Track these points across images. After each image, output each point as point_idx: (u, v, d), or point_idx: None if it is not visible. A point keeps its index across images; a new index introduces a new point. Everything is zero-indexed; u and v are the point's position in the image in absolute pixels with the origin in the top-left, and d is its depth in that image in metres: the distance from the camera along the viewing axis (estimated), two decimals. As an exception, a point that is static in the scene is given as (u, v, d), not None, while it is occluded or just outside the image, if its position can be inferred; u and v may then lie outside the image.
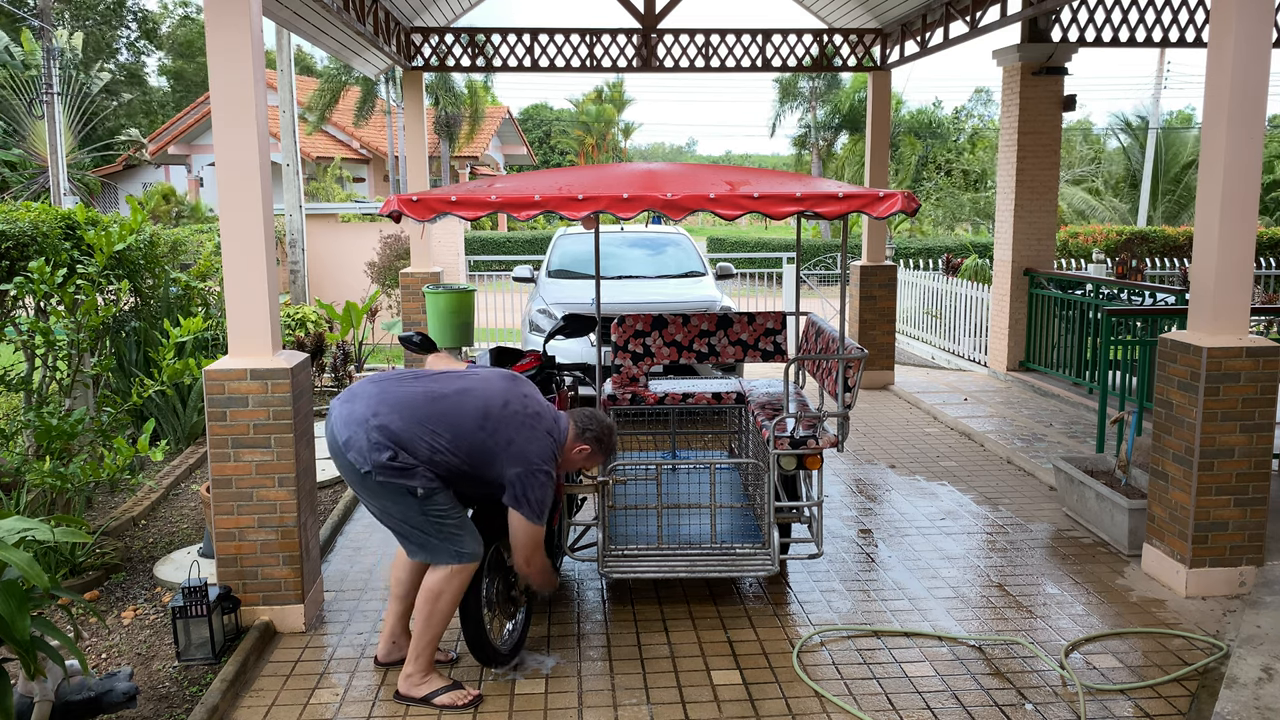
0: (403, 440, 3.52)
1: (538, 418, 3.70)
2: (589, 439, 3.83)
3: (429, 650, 3.75)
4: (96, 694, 3.37)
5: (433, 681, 3.76)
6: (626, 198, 3.76)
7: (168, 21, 40.25)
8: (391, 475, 3.50)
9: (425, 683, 3.75)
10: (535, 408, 3.73)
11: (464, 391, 3.67)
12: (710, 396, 5.40)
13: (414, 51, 9.87)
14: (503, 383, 3.77)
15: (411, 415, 3.56)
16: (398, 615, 4.02)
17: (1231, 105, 4.41)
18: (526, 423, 3.66)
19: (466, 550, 3.65)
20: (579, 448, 3.83)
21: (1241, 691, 3.68)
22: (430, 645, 3.74)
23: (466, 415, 3.60)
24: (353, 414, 3.58)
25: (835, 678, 3.95)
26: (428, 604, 3.66)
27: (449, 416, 3.59)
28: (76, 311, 5.28)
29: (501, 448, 3.60)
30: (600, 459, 3.94)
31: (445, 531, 3.61)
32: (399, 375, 3.76)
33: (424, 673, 3.76)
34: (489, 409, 3.64)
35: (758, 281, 16.27)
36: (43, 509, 5.04)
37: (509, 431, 3.62)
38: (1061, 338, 9.23)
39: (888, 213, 3.85)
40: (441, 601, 3.65)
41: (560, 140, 48.62)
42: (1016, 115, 9.44)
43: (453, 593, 3.66)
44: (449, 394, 3.65)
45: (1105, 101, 74.32)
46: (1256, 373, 4.53)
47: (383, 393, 3.63)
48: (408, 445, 3.52)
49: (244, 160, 4.15)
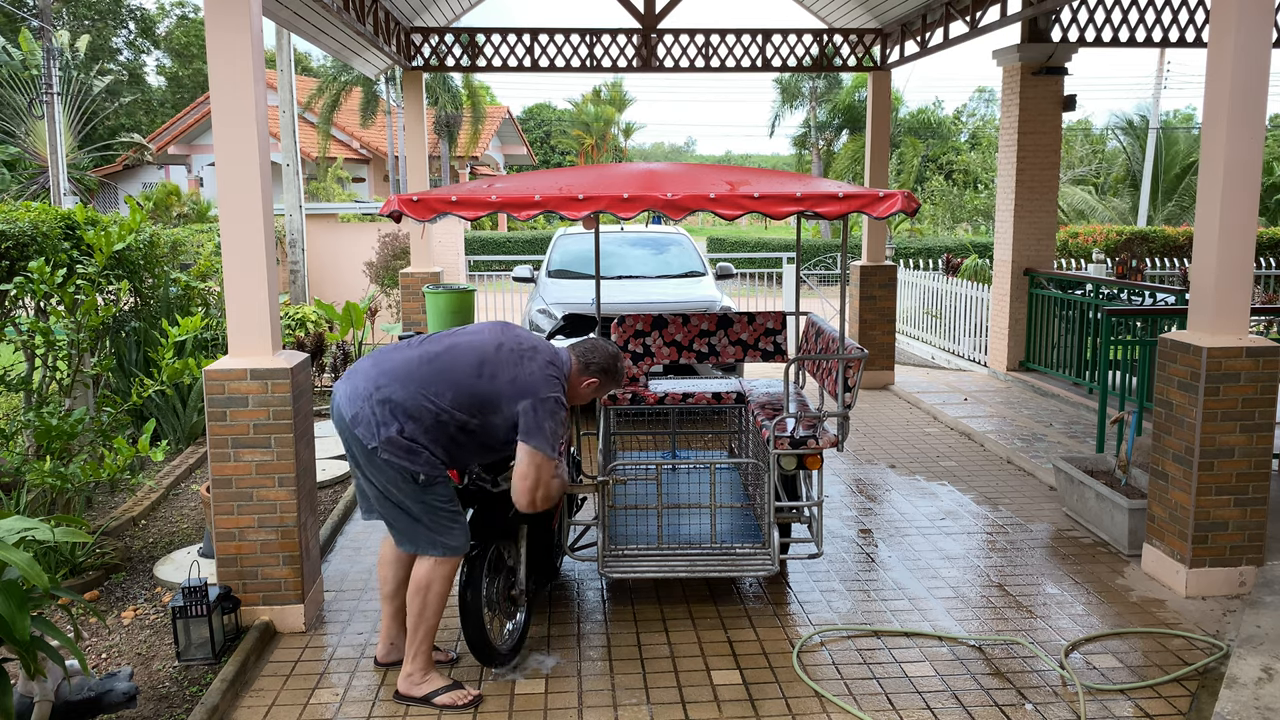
0: (408, 409, 3.52)
1: (534, 351, 3.69)
2: (594, 371, 3.82)
3: (425, 646, 3.74)
4: (96, 694, 3.37)
5: (433, 680, 3.75)
6: (627, 198, 3.76)
7: (165, 22, 40.24)
8: (397, 454, 3.51)
9: (425, 681, 3.74)
10: (530, 343, 3.72)
11: (454, 347, 3.67)
12: (710, 396, 5.40)
13: (414, 52, 9.87)
14: (492, 329, 3.77)
15: (410, 380, 3.57)
16: (391, 615, 4.00)
17: (1231, 105, 4.41)
18: (525, 356, 3.64)
19: (453, 543, 3.65)
20: (586, 381, 3.82)
21: (1241, 691, 3.68)
22: (426, 640, 3.73)
23: (463, 367, 3.60)
24: (355, 390, 3.61)
25: (835, 678, 3.95)
26: (418, 597, 3.66)
27: (446, 373, 3.58)
28: (76, 311, 5.28)
29: (505, 387, 3.58)
30: (609, 389, 3.94)
31: (438, 522, 3.62)
32: (393, 346, 3.77)
33: (424, 671, 3.75)
34: (484, 356, 3.63)
35: (758, 281, 16.27)
36: (43, 509, 5.04)
37: (509, 370, 3.60)
38: (1061, 338, 9.23)
39: (888, 213, 3.85)
40: (431, 593, 3.65)
41: (560, 140, 48.63)
42: (1016, 115, 9.44)
43: (440, 584, 3.65)
44: (441, 352, 3.65)
45: (1105, 101, 74.36)
46: (1256, 373, 4.53)
47: (379, 364, 3.65)
48: (413, 413, 3.52)
49: (244, 160, 4.15)
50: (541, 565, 4.35)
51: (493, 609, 3.97)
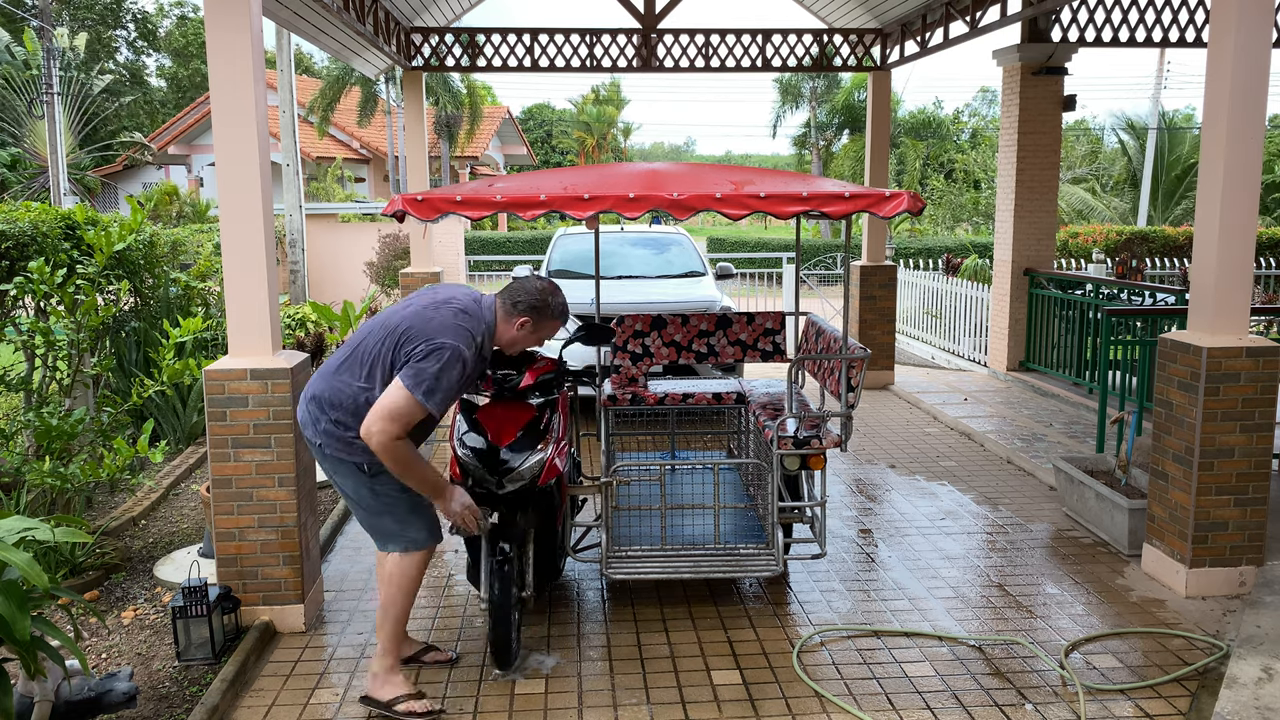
0: (331, 399, 3.50)
1: (449, 301, 3.53)
2: (523, 309, 3.59)
3: (390, 642, 3.69)
4: (96, 694, 3.37)
5: (396, 684, 3.67)
6: (633, 197, 3.75)
7: (165, 23, 40.24)
8: (337, 448, 3.51)
9: (389, 683, 3.67)
10: (449, 295, 3.57)
11: (373, 323, 3.60)
12: (710, 397, 5.40)
13: (414, 51, 9.87)
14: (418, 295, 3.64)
15: (329, 373, 3.58)
16: None
17: (1231, 105, 4.41)
18: (439, 308, 3.49)
19: (415, 536, 3.63)
20: (517, 322, 3.60)
21: (1241, 691, 3.68)
22: (391, 637, 3.69)
23: (376, 336, 3.52)
24: (301, 398, 3.65)
25: (835, 678, 3.95)
26: (382, 590, 3.65)
27: (360, 352, 3.53)
28: (76, 312, 5.28)
29: (405, 341, 3.42)
30: (549, 328, 3.68)
31: (397, 514, 3.60)
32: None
33: (388, 670, 3.69)
34: (399, 321, 3.49)
35: (758, 281, 16.26)
36: (43, 509, 5.04)
37: (419, 326, 3.44)
38: (1061, 338, 9.23)
39: (894, 212, 3.85)
40: (393, 587, 3.63)
41: (561, 140, 48.64)
42: (1016, 115, 9.44)
43: (404, 579, 3.63)
44: (361, 335, 3.60)
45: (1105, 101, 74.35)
46: (1256, 373, 4.53)
47: (317, 371, 3.68)
48: (335, 400, 3.49)
49: (244, 160, 4.15)
50: (547, 567, 4.35)
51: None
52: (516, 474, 3.82)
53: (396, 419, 3.30)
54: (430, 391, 3.34)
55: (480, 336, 3.53)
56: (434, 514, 3.72)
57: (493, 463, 3.83)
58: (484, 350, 3.59)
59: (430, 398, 3.34)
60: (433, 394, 3.34)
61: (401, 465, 3.38)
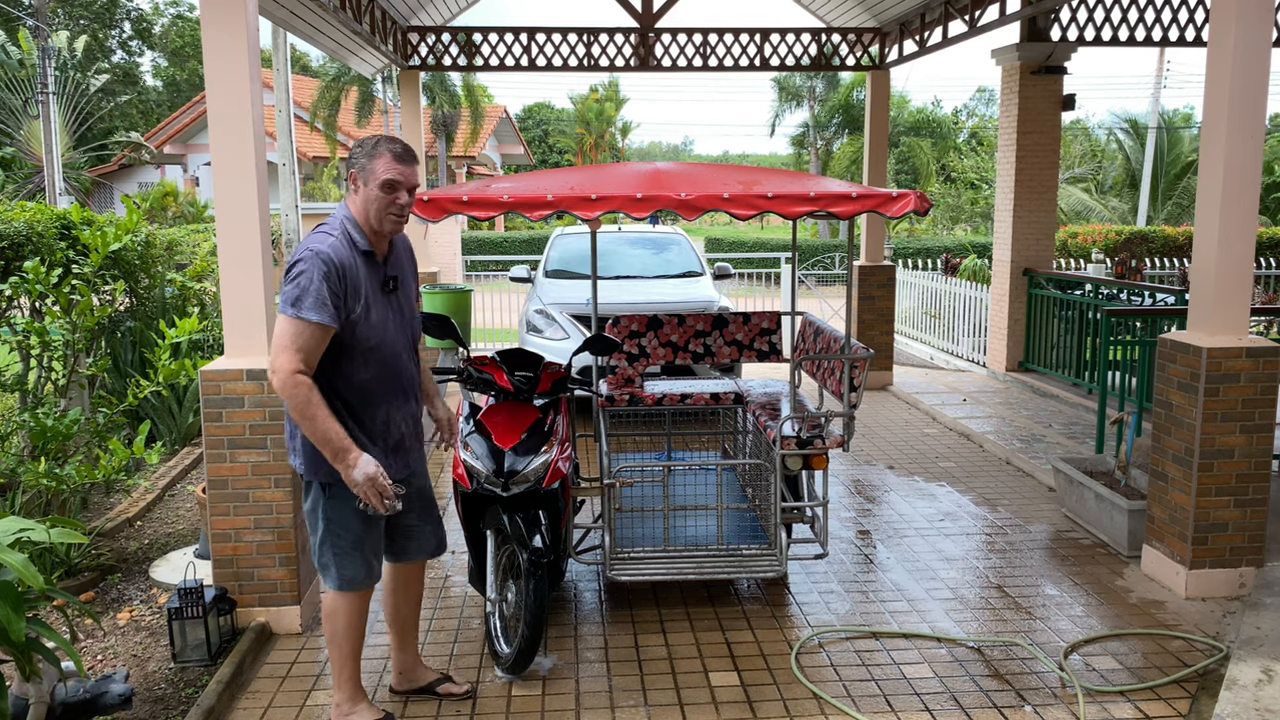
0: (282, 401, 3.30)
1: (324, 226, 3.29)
2: (358, 167, 3.26)
3: (343, 674, 3.49)
4: (92, 696, 3.35)
5: (361, 712, 3.49)
6: (640, 198, 3.73)
7: (160, 22, 40.19)
8: (292, 452, 3.36)
9: (355, 713, 3.49)
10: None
11: None
12: (709, 397, 5.38)
13: (410, 51, 9.85)
14: None
15: None
16: (393, 644, 3.84)
17: (1231, 105, 4.40)
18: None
19: (347, 575, 3.37)
20: (354, 187, 3.28)
21: (1241, 693, 3.67)
22: (342, 670, 3.48)
23: None
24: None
25: (834, 679, 3.94)
26: (325, 626, 3.46)
27: None
28: (72, 312, 5.26)
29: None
30: (381, 165, 3.22)
31: (338, 547, 3.36)
32: None
33: (351, 700, 3.49)
34: None
35: (756, 281, 16.26)
36: (38, 510, 5.02)
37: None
38: (1061, 338, 9.22)
39: (901, 212, 3.84)
40: (336, 623, 3.42)
41: (558, 140, 48.59)
42: (1016, 115, 9.43)
43: (343, 616, 3.41)
44: None
45: (1105, 101, 74.42)
46: (1256, 373, 4.52)
47: None
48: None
49: (240, 160, 4.13)
50: (551, 570, 4.32)
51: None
52: (521, 476, 3.80)
53: (284, 347, 3.09)
54: (296, 300, 3.09)
55: (338, 233, 3.23)
56: (375, 558, 3.45)
57: (498, 465, 3.81)
58: (357, 244, 3.24)
59: (298, 306, 3.09)
60: (299, 302, 3.09)
61: (299, 410, 3.09)
